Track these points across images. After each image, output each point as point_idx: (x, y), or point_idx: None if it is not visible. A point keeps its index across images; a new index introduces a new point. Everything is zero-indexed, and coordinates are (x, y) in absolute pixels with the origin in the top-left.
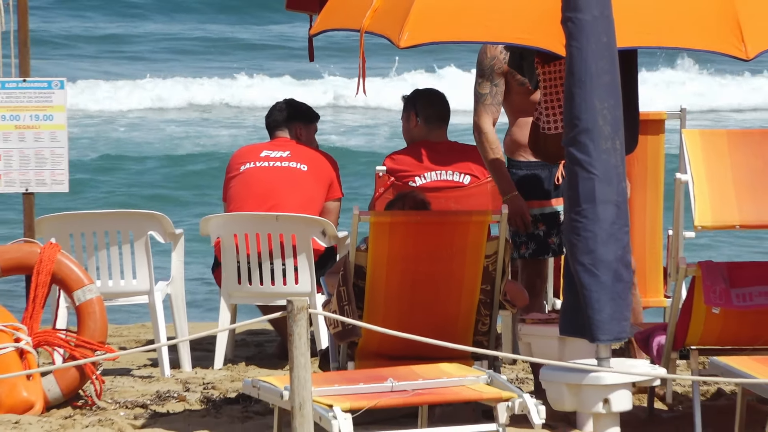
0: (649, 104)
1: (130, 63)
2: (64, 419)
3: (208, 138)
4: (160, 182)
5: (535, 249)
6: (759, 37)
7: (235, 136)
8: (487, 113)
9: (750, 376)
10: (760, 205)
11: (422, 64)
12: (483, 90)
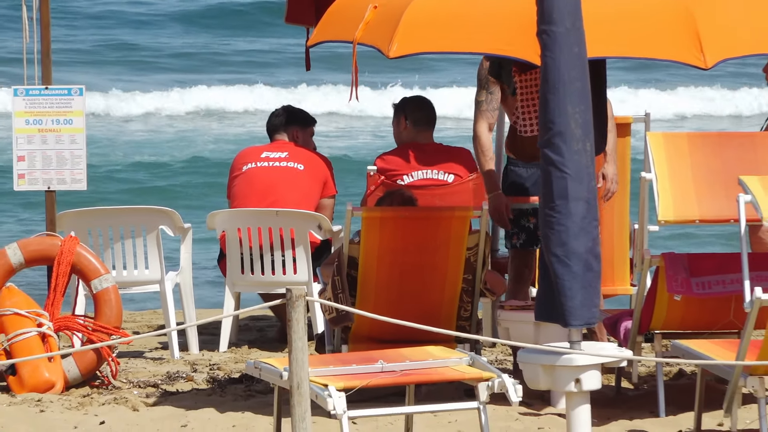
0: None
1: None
2: (82, 397)
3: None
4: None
5: (525, 240)
6: (717, 48)
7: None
8: (483, 119)
9: (709, 357)
10: (718, 202)
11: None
12: (479, 98)
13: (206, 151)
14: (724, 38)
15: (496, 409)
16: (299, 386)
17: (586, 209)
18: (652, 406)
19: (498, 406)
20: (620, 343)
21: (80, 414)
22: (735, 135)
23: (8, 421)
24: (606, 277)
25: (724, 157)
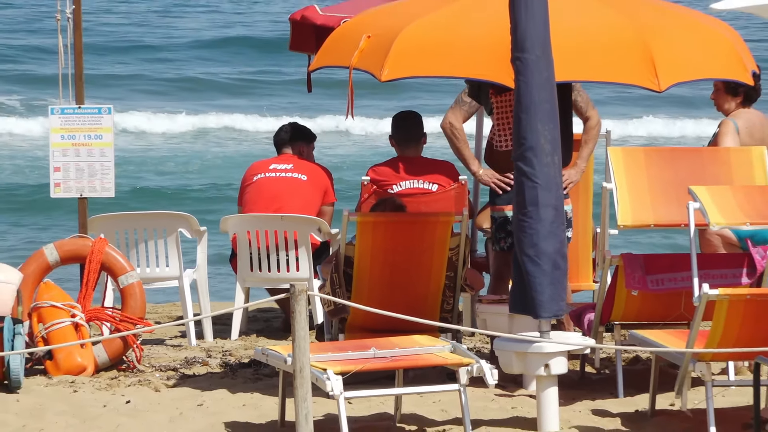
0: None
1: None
2: (110, 380)
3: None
4: None
5: (511, 243)
6: (669, 74)
7: None
8: (459, 112)
9: (662, 345)
10: (671, 208)
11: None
12: (464, 99)
13: None
14: (675, 65)
15: (475, 391)
16: (301, 370)
17: (555, 215)
18: (612, 388)
19: (476, 388)
20: (584, 332)
21: (109, 394)
22: (685, 150)
23: (46, 400)
24: (572, 274)
25: (676, 169)
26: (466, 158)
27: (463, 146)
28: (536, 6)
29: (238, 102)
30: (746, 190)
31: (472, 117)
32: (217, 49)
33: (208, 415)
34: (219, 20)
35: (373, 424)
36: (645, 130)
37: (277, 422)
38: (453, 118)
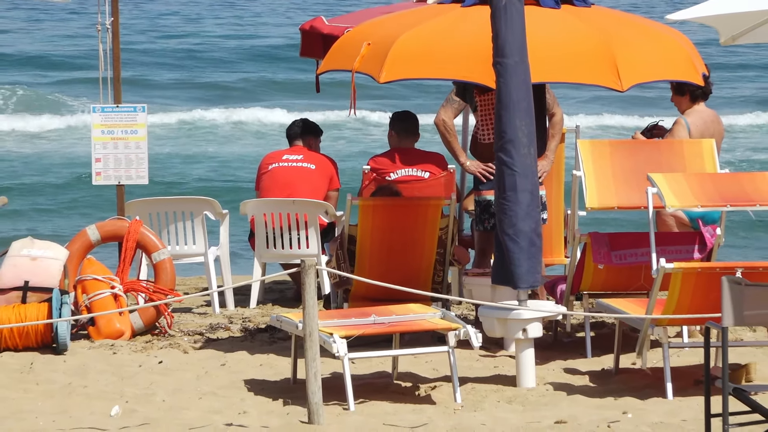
0: None
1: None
2: (145, 343)
3: None
4: None
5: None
6: (631, 75)
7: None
8: (450, 110)
9: (624, 312)
10: (632, 193)
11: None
12: (454, 98)
13: None
14: (636, 68)
15: (462, 353)
16: (311, 334)
17: (531, 199)
18: (581, 349)
19: (463, 350)
20: (557, 301)
21: (143, 356)
22: (645, 142)
23: (89, 360)
24: (546, 250)
25: (636, 159)
26: (455, 151)
27: (453, 140)
28: (514, 17)
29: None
30: (697, 177)
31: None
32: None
33: (230, 373)
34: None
35: (373, 381)
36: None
37: (290, 379)
38: (445, 116)
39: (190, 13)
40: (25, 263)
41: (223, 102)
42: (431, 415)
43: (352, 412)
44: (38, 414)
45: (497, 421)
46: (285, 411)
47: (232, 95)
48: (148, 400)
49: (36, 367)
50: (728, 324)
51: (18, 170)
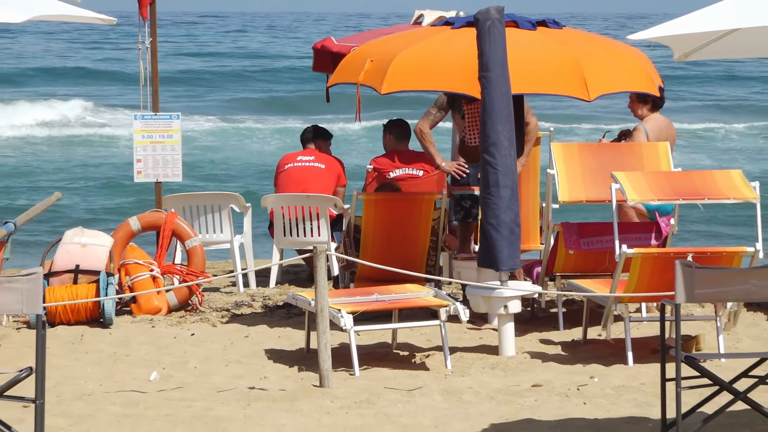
0: None
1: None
2: (179, 318)
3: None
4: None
5: (463, 215)
6: (597, 87)
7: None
8: (427, 121)
9: (591, 291)
10: (598, 188)
11: None
12: (432, 111)
13: None
14: (601, 81)
15: (452, 326)
16: (322, 310)
17: (511, 194)
18: (554, 323)
19: (453, 323)
20: (533, 281)
21: (178, 329)
22: (609, 145)
23: (131, 333)
24: (524, 238)
25: (601, 159)
26: (432, 154)
27: (429, 145)
28: (496, 37)
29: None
30: (654, 175)
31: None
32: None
33: (252, 344)
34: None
35: (375, 351)
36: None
37: (304, 349)
38: (422, 125)
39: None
40: (76, 249)
41: (273, 113)
42: (425, 379)
43: (358, 377)
44: (87, 379)
45: (482, 385)
46: (300, 376)
47: (279, 106)
48: (182, 367)
49: (85, 339)
50: (681, 301)
51: (66, 168)
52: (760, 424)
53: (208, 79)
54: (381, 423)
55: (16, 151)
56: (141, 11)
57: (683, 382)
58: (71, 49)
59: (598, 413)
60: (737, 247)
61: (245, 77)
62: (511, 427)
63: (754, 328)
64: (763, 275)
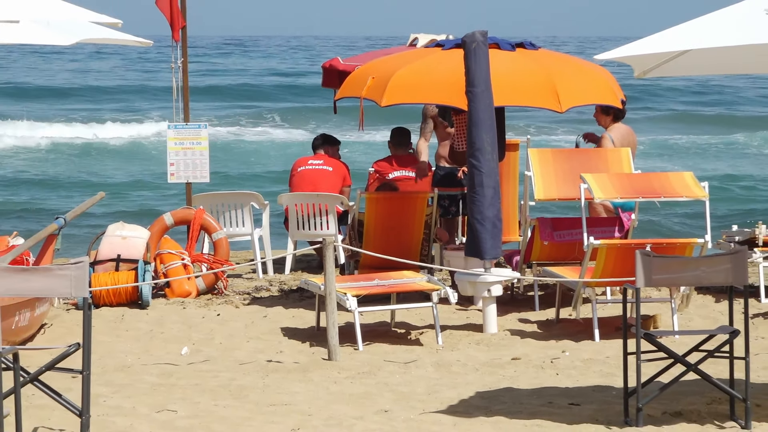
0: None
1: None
2: (206, 300)
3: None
4: None
5: (443, 212)
6: (568, 100)
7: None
8: (424, 137)
9: (563, 277)
10: (569, 188)
11: None
12: (423, 127)
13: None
14: (572, 95)
15: (442, 307)
16: (330, 294)
17: (493, 193)
18: (531, 305)
19: (443, 305)
20: (513, 268)
21: (205, 310)
22: (579, 150)
23: (165, 314)
24: (505, 231)
25: (572, 163)
26: (419, 167)
27: (420, 159)
28: (481, 57)
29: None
30: (617, 176)
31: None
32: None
33: (270, 323)
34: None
35: (376, 329)
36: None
37: (314, 327)
38: (420, 144)
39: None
40: (117, 241)
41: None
42: (419, 353)
43: (361, 352)
44: (127, 353)
45: (468, 358)
46: (311, 351)
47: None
48: (209, 342)
49: (125, 318)
50: (640, 285)
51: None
52: (709, 392)
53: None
54: (381, 391)
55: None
56: (173, 35)
57: (642, 355)
58: (120, 66)
59: (569, 383)
60: (689, 239)
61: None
62: (494, 394)
63: (704, 309)
64: (711, 263)
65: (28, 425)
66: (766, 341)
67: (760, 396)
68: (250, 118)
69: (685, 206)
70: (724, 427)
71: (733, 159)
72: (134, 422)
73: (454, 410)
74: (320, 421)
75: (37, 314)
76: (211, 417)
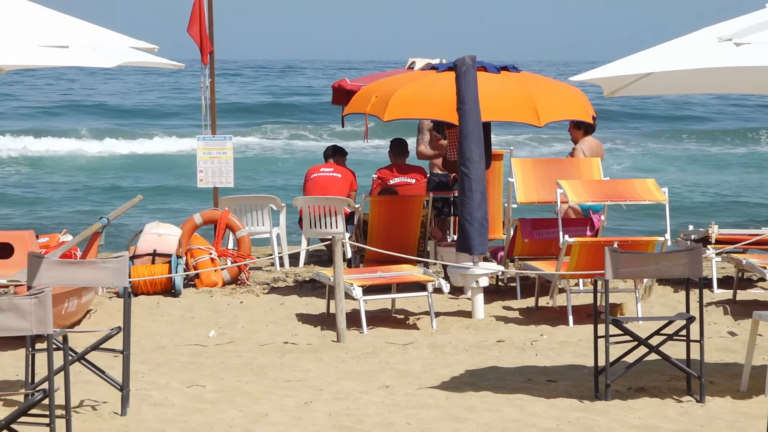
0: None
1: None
2: (231, 290)
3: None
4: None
5: (437, 213)
6: (546, 116)
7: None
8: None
9: (541, 270)
10: (547, 192)
11: None
12: (420, 137)
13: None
14: (549, 111)
15: (436, 296)
16: (339, 284)
17: (481, 197)
18: (513, 294)
19: (437, 294)
20: (497, 262)
21: (230, 298)
22: (555, 160)
23: (195, 301)
24: (491, 229)
25: (549, 171)
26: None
27: (430, 155)
28: (470, 79)
29: None
30: (588, 182)
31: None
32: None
33: (286, 309)
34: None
35: (379, 314)
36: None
37: (325, 313)
38: (420, 149)
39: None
40: (154, 238)
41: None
42: (416, 336)
43: (365, 335)
44: (162, 335)
45: (459, 340)
46: (322, 334)
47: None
48: (233, 326)
49: (160, 305)
50: (609, 277)
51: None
52: (668, 370)
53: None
54: (383, 369)
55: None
56: (202, 59)
57: (611, 338)
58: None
59: (546, 362)
60: (651, 237)
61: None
62: (481, 372)
63: (664, 298)
64: (670, 258)
65: (76, 398)
66: (718, 326)
67: (713, 374)
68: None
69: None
70: (681, 401)
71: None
72: (168, 395)
73: (447, 386)
74: (330, 395)
75: (83, 301)
76: (234, 391)
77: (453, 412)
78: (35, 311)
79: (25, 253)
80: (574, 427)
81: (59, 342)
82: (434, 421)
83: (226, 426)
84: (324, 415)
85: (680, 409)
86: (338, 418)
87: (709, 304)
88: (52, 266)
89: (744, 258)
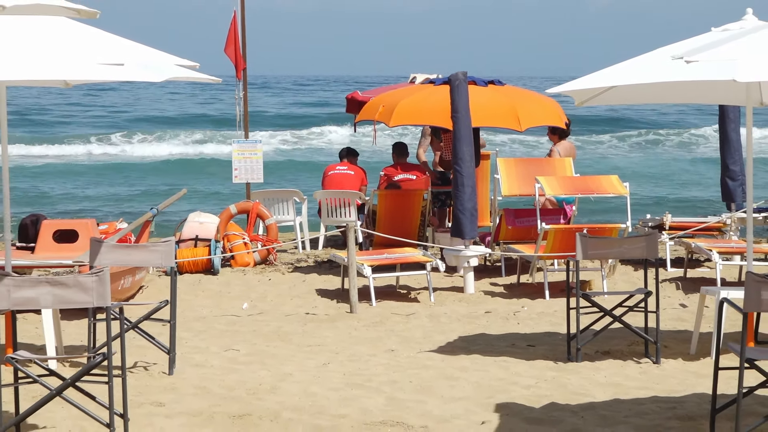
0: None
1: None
2: (261, 269)
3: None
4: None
5: (440, 205)
6: (526, 122)
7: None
8: (422, 148)
9: (522, 252)
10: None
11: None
12: (421, 141)
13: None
14: (529, 118)
15: (434, 274)
16: (352, 264)
17: (471, 191)
18: (499, 272)
19: (435, 273)
20: (485, 246)
21: (260, 276)
22: (535, 159)
23: (230, 278)
24: (480, 218)
25: (529, 169)
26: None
27: (423, 163)
28: (462, 91)
29: None
30: (562, 178)
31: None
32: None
33: (308, 285)
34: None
35: (385, 290)
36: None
37: (340, 288)
38: (419, 153)
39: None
40: (196, 225)
41: None
42: (417, 308)
43: (374, 307)
44: (203, 307)
45: (453, 312)
46: (338, 306)
47: None
48: (263, 299)
49: (202, 282)
50: (579, 258)
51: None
52: (629, 336)
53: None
54: (389, 335)
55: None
56: (237, 74)
57: (581, 310)
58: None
59: (527, 329)
60: (615, 224)
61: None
62: (472, 338)
63: (626, 275)
64: (631, 242)
65: (130, 360)
66: (671, 299)
67: (667, 339)
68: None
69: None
70: (640, 362)
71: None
72: (208, 358)
73: (443, 350)
74: (345, 357)
75: (136, 279)
76: (264, 354)
77: (448, 372)
78: (96, 287)
79: (87, 238)
80: (550, 384)
81: (116, 313)
82: (432, 380)
83: (256, 384)
84: (339, 375)
85: (639, 369)
86: (351, 377)
87: (663, 280)
88: (110, 249)
89: (693, 242)
